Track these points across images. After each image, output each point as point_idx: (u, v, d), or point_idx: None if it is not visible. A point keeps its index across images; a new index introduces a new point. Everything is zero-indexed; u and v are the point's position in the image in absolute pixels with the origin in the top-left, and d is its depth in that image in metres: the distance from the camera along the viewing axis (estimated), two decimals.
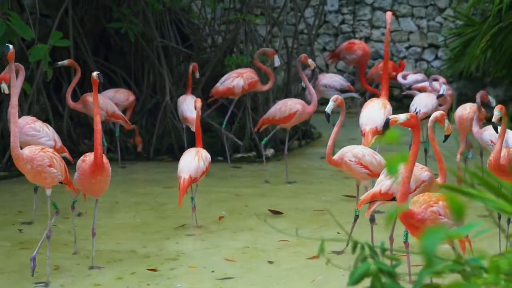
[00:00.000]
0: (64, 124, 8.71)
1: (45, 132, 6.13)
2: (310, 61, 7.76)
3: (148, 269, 5.23)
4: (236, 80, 8.35)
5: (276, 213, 6.59)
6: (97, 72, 5.27)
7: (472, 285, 1.68)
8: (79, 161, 5.25)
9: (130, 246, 5.76)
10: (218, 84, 8.48)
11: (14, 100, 4.94)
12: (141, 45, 9.18)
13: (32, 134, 5.99)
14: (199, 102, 6.59)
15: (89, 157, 5.21)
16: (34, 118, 6.21)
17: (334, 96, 5.71)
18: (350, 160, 5.58)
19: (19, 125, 5.97)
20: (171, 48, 9.44)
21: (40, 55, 7.08)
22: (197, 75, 8.55)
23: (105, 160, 5.20)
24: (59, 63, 7.81)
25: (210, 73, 9.24)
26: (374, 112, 6.75)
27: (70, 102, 7.79)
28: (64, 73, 9.04)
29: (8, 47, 5.05)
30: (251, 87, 8.37)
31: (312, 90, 7.75)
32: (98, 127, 5.14)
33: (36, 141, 6.00)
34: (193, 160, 6.06)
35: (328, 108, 5.60)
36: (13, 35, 7.02)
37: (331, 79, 9.21)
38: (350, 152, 5.61)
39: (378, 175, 5.62)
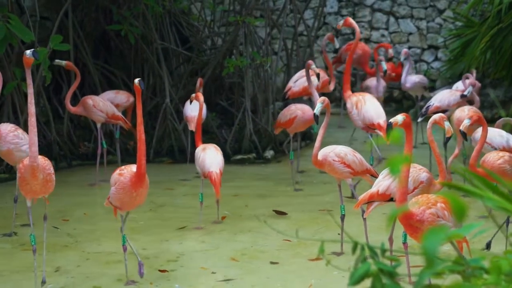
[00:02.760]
0: (64, 127, 8.71)
1: (26, 139, 6.06)
2: (313, 67, 7.61)
3: (159, 270, 5.23)
4: (311, 78, 8.07)
5: (281, 213, 6.60)
6: (139, 79, 4.99)
7: (473, 286, 1.68)
8: (115, 176, 4.95)
9: (130, 248, 5.75)
10: (291, 84, 8.31)
11: (32, 109, 4.79)
12: (141, 47, 9.19)
13: (16, 142, 5.95)
14: (201, 96, 6.58)
15: (126, 170, 4.92)
16: (15, 126, 6.15)
17: (321, 98, 5.74)
18: (333, 160, 5.62)
19: (3, 134, 5.92)
20: (171, 50, 9.45)
21: (40, 58, 7.08)
22: (201, 91, 8.45)
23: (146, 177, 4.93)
24: (57, 61, 7.79)
25: (209, 75, 9.25)
26: (378, 106, 6.99)
27: (69, 106, 7.77)
28: (64, 76, 9.06)
29: (25, 54, 4.96)
30: (323, 86, 8.23)
31: (317, 97, 7.61)
32: (142, 136, 4.89)
33: (19, 148, 5.95)
34: (217, 155, 6.27)
35: (317, 110, 5.63)
36: (13, 37, 7.02)
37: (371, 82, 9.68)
38: (333, 152, 5.66)
39: (359, 174, 5.67)
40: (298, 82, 8.24)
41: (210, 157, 6.23)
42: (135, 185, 4.84)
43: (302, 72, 8.34)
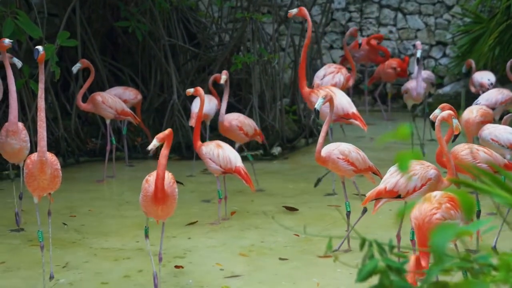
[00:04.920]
0: (72, 123, 8.73)
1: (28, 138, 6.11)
2: (223, 77, 7.39)
3: (175, 266, 5.24)
4: (337, 75, 8.16)
5: (292, 209, 6.60)
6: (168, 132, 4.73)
7: (481, 283, 1.67)
8: (143, 181, 4.77)
9: (138, 244, 5.77)
10: (318, 82, 8.16)
11: (41, 103, 4.82)
12: (149, 44, 9.20)
13: (26, 139, 5.98)
14: (201, 91, 6.49)
15: (152, 177, 4.71)
16: (22, 124, 6.18)
17: (323, 93, 5.71)
18: (337, 158, 5.60)
19: (20, 131, 5.91)
20: (178, 47, 9.45)
21: (48, 55, 7.09)
22: (227, 84, 8.33)
23: (170, 187, 4.67)
24: (74, 69, 7.81)
25: (217, 72, 9.24)
26: (347, 96, 7.19)
27: (80, 103, 7.80)
28: (72, 72, 9.06)
29: (38, 50, 4.98)
30: (347, 82, 8.25)
31: (223, 111, 7.38)
32: (162, 161, 4.64)
33: (27, 146, 5.98)
34: (234, 150, 6.40)
35: (318, 105, 5.60)
36: (21, 33, 7.04)
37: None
38: (337, 149, 5.65)
39: (362, 171, 5.65)
40: (325, 79, 8.15)
41: (231, 152, 6.31)
42: (155, 201, 4.65)
43: (327, 68, 8.29)
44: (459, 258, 1.72)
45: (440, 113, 5.15)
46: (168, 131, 4.74)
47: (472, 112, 6.85)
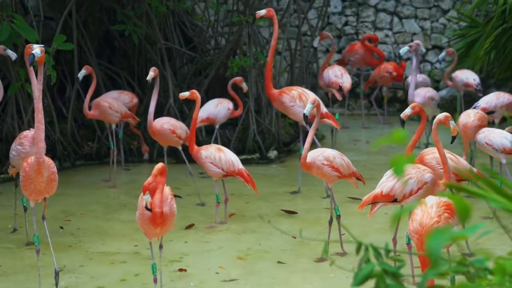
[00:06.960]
0: (68, 126, 8.72)
1: None
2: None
3: (178, 269, 5.24)
4: (348, 75, 8.95)
5: (290, 212, 6.61)
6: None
7: (477, 287, 1.67)
8: (139, 198, 4.49)
9: (134, 247, 5.77)
10: (340, 81, 8.75)
11: (39, 105, 4.78)
12: (145, 48, 9.20)
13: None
14: (196, 93, 6.38)
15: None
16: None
17: (312, 98, 5.72)
18: (322, 164, 5.58)
19: (29, 138, 5.86)
20: (175, 50, 9.46)
21: (44, 58, 7.08)
22: (245, 88, 8.27)
23: (169, 207, 4.48)
24: (80, 75, 7.78)
25: (213, 75, 9.25)
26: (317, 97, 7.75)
27: (87, 112, 7.77)
28: (68, 76, 9.07)
29: (34, 55, 4.89)
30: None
31: (152, 111, 7.14)
32: (158, 194, 4.40)
33: (32, 152, 5.95)
34: (235, 154, 6.43)
35: (307, 110, 5.60)
36: (18, 37, 7.04)
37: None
38: (322, 155, 5.62)
39: (346, 177, 5.64)
40: (344, 78, 8.77)
41: (233, 155, 6.31)
42: (154, 225, 4.46)
43: (341, 69, 8.89)
44: (455, 262, 1.72)
45: (411, 112, 5.15)
46: (158, 169, 4.41)
47: (469, 116, 6.84)
